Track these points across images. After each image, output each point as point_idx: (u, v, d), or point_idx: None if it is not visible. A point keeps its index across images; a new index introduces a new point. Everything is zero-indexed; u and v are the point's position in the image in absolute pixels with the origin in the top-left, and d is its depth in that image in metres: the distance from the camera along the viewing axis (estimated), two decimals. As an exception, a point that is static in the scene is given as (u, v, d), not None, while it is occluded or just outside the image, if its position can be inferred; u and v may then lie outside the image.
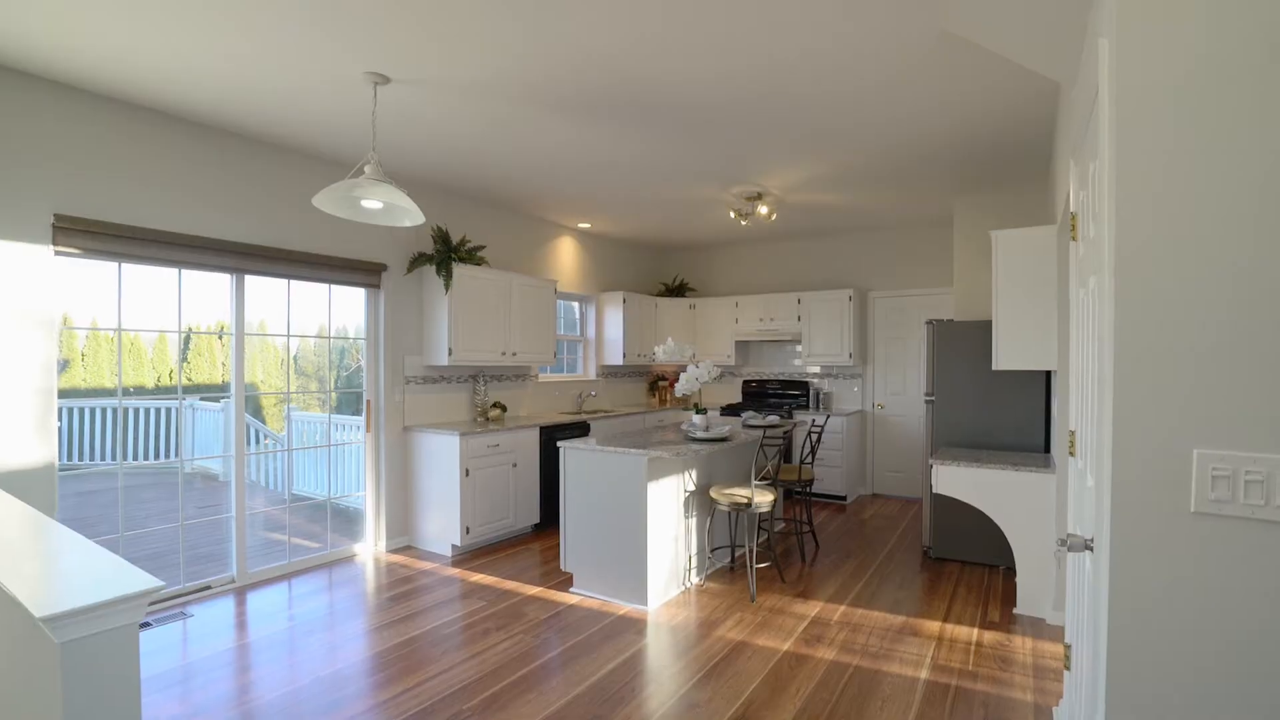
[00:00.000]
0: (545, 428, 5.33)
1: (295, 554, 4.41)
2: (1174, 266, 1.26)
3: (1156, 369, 1.28)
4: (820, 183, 4.93)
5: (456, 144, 4.06)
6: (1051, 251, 3.46)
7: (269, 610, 3.67)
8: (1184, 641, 1.24)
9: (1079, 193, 2.16)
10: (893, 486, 6.69)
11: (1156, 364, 1.28)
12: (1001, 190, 5.08)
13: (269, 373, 7.46)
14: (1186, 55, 1.24)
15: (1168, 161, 1.26)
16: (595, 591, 3.87)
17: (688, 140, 3.98)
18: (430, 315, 5.01)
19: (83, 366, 7.46)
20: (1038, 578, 3.52)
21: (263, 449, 6.26)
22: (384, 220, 3.29)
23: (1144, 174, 1.29)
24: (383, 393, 4.81)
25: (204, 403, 7.43)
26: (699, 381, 4.28)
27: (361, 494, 4.84)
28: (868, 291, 6.79)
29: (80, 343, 6.90)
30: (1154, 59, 1.27)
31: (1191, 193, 1.24)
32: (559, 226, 6.47)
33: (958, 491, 3.72)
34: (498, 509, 4.90)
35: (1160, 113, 1.27)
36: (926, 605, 3.72)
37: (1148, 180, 1.29)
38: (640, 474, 3.67)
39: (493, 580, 4.17)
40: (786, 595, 3.88)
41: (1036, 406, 4.26)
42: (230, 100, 3.40)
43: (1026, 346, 3.57)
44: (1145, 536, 1.29)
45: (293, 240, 4.23)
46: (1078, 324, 2.19)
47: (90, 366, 7.67)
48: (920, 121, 3.65)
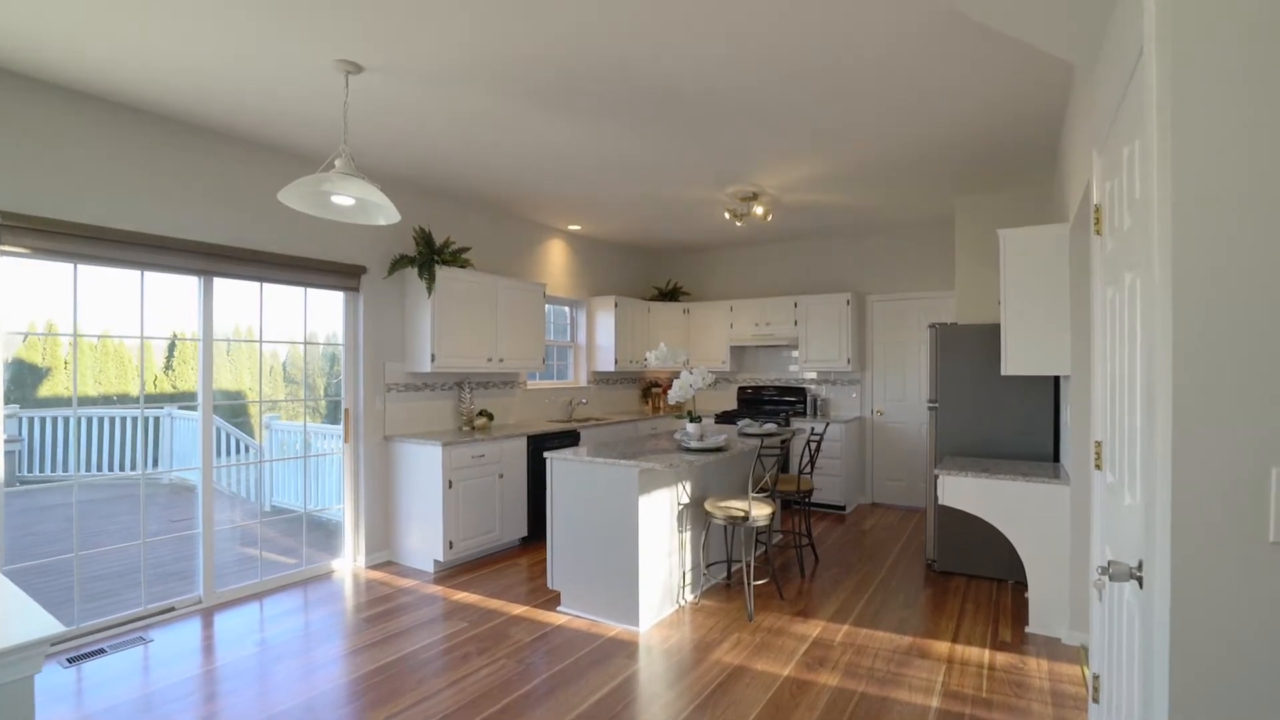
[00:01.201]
0: (533, 437, 5.12)
1: (269, 571, 4.19)
2: (1247, 254, 1.07)
3: (1225, 374, 1.09)
4: (818, 182, 4.76)
5: (436, 139, 3.87)
6: (1063, 251, 3.29)
7: (237, 633, 3.45)
8: (1266, 693, 1.06)
9: (1104, 182, 1.98)
10: (893, 496, 6.50)
11: (1224, 368, 1.09)
12: (1003, 190, 4.92)
13: (273, 381, 7.22)
14: (1261, 4, 1.06)
15: (1238, 130, 1.08)
16: (584, 611, 3.66)
17: (680, 135, 3.80)
18: (412, 320, 4.80)
19: (65, 374, 7.20)
20: (1051, 595, 3.33)
21: (241, 460, 6.02)
22: (357, 218, 3.09)
23: (1207, 147, 1.11)
24: (362, 401, 4.60)
25: (183, 411, 7.20)
26: (693, 388, 4.09)
27: (340, 507, 4.62)
28: (866, 295, 6.62)
29: (64, 349, 6.66)
30: (1218, 8, 1.10)
31: (1271, 166, 1.06)
32: (548, 228, 6.28)
33: (965, 503, 3.53)
34: (483, 522, 4.69)
35: (1227, 71, 1.09)
36: (934, 624, 3.53)
37: (1212, 154, 1.10)
38: (631, 486, 3.47)
39: (476, 599, 3.96)
40: (786, 614, 3.68)
41: (1045, 413, 4.08)
42: (189, 89, 3.20)
43: (1037, 350, 3.39)
44: (1214, 569, 1.10)
45: (265, 241, 4.02)
46: (1104, 325, 2.01)
47: (70, 374, 7.41)
48: (921, 117, 3.49)
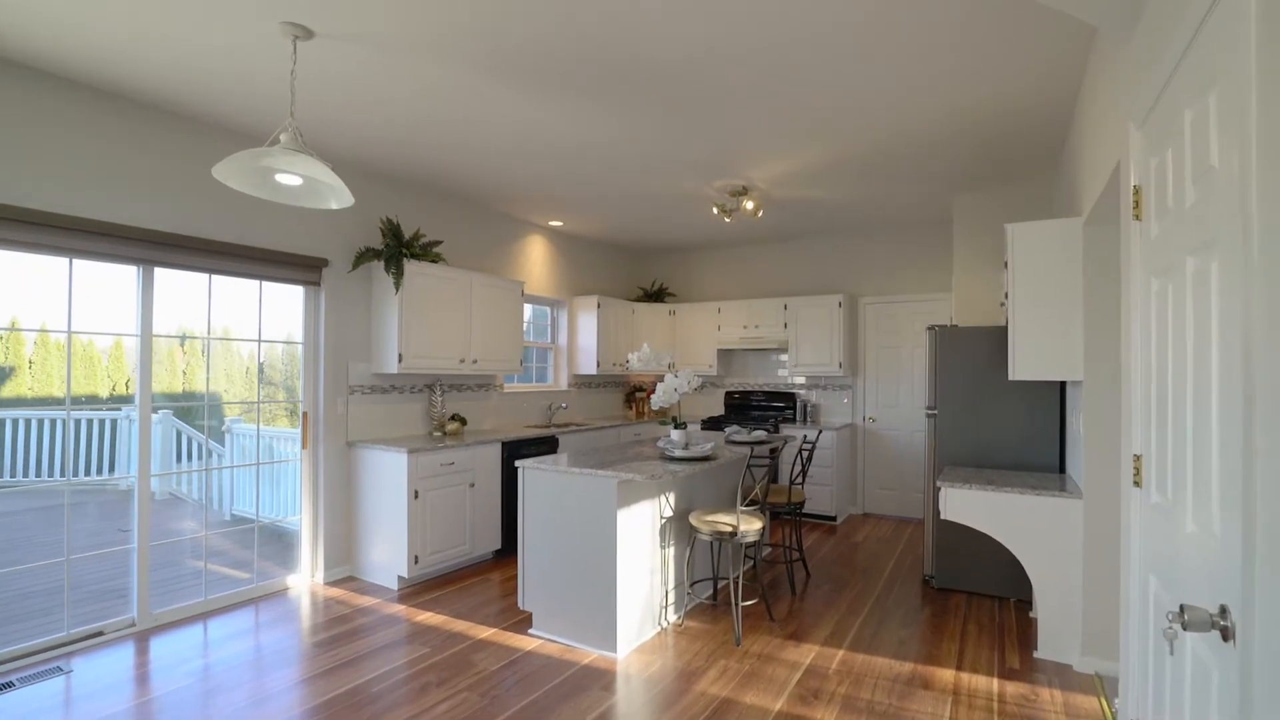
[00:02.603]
0: (509, 443, 4.82)
1: (217, 588, 3.84)
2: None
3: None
4: (811, 176, 4.51)
5: (397, 118, 3.57)
6: (1076, 247, 3.06)
7: (172, 661, 3.11)
8: None
9: (1148, 159, 1.74)
10: (886, 506, 6.26)
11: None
12: (1003, 188, 4.71)
13: (233, 381, 6.85)
14: None
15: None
16: (557, 634, 3.36)
17: (666, 121, 3.53)
18: (379, 317, 4.49)
19: (29, 374, 6.79)
20: (1062, 618, 3.08)
21: (189, 467, 5.64)
22: (306, 201, 2.79)
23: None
24: (322, 404, 4.27)
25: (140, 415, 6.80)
26: (678, 393, 3.82)
27: (298, 518, 4.28)
28: (858, 297, 6.39)
29: (29, 349, 6.26)
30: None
31: None
32: (528, 224, 5.99)
33: (969, 518, 3.28)
34: (452, 535, 4.37)
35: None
36: (935, 648, 3.27)
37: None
38: (609, 499, 3.18)
39: (441, 619, 3.64)
40: (776, 637, 3.40)
41: (1050, 420, 3.85)
42: (126, 60, 2.88)
43: (1049, 354, 3.15)
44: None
45: (216, 229, 3.70)
46: (1146, 322, 1.76)
47: (38, 374, 7.00)
48: (924, 104, 3.25)
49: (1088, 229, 2.99)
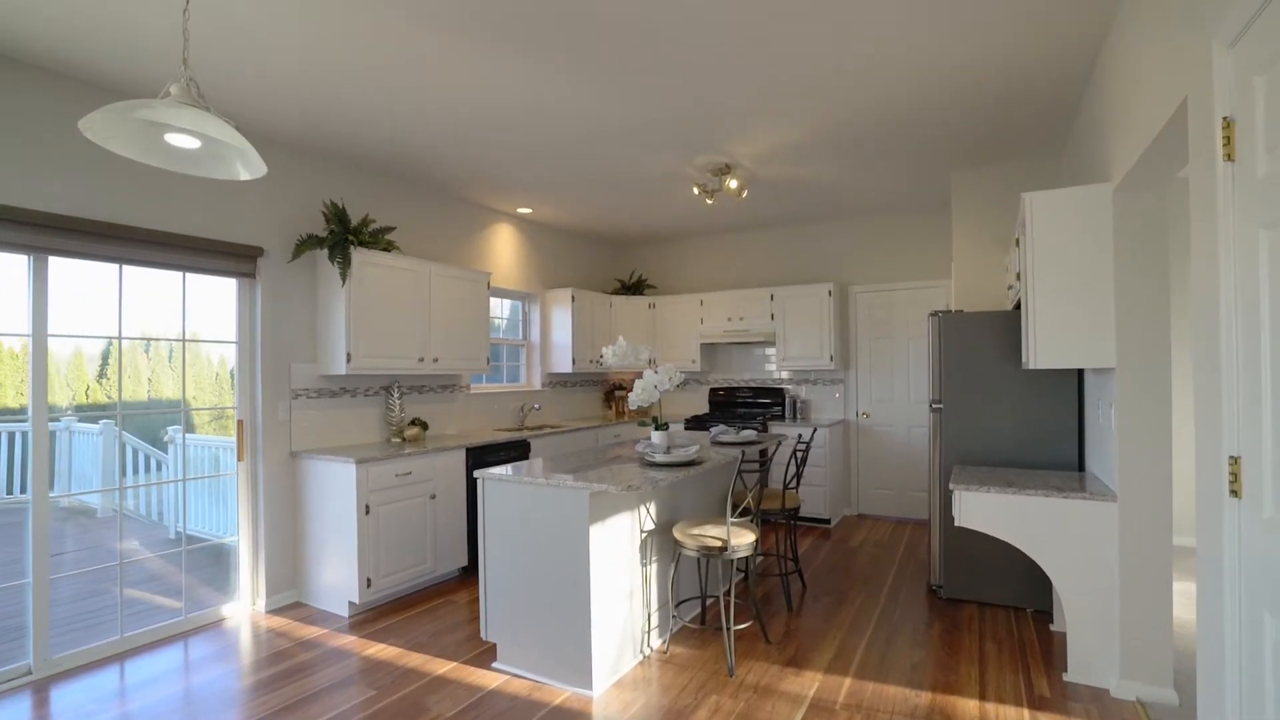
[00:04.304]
0: (475, 449, 4.38)
1: (143, 620, 3.37)
2: None
3: None
4: (798, 151, 4.13)
5: (327, 79, 3.12)
6: (1105, 217, 2.70)
7: (74, 716, 2.64)
8: None
9: (1248, 79, 1.37)
10: (881, 506, 5.92)
11: None
12: (1007, 161, 4.36)
13: (202, 387, 6.32)
14: None
15: None
16: (525, 668, 2.94)
17: (638, 84, 3.12)
18: (325, 313, 4.03)
19: None
20: (1096, 635, 2.73)
21: (110, 487, 5.12)
22: (211, 170, 2.32)
23: None
24: (260, 410, 3.80)
25: (84, 425, 6.26)
26: (658, 390, 3.42)
27: (235, 539, 3.82)
28: (849, 286, 6.03)
29: None
30: None
31: None
32: (494, 211, 5.54)
33: (986, 524, 2.92)
34: (411, 553, 3.93)
35: None
36: (952, 672, 2.90)
37: None
38: (581, 513, 2.77)
39: (395, 653, 3.20)
40: (774, 663, 3.01)
41: (1067, 413, 3.51)
42: (6, 6, 2.41)
43: (1072, 338, 2.79)
44: None
45: (127, 212, 3.22)
46: (1246, 288, 1.39)
47: None
48: (925, 64, 2.87)
49: (1119, 196, 2.64)
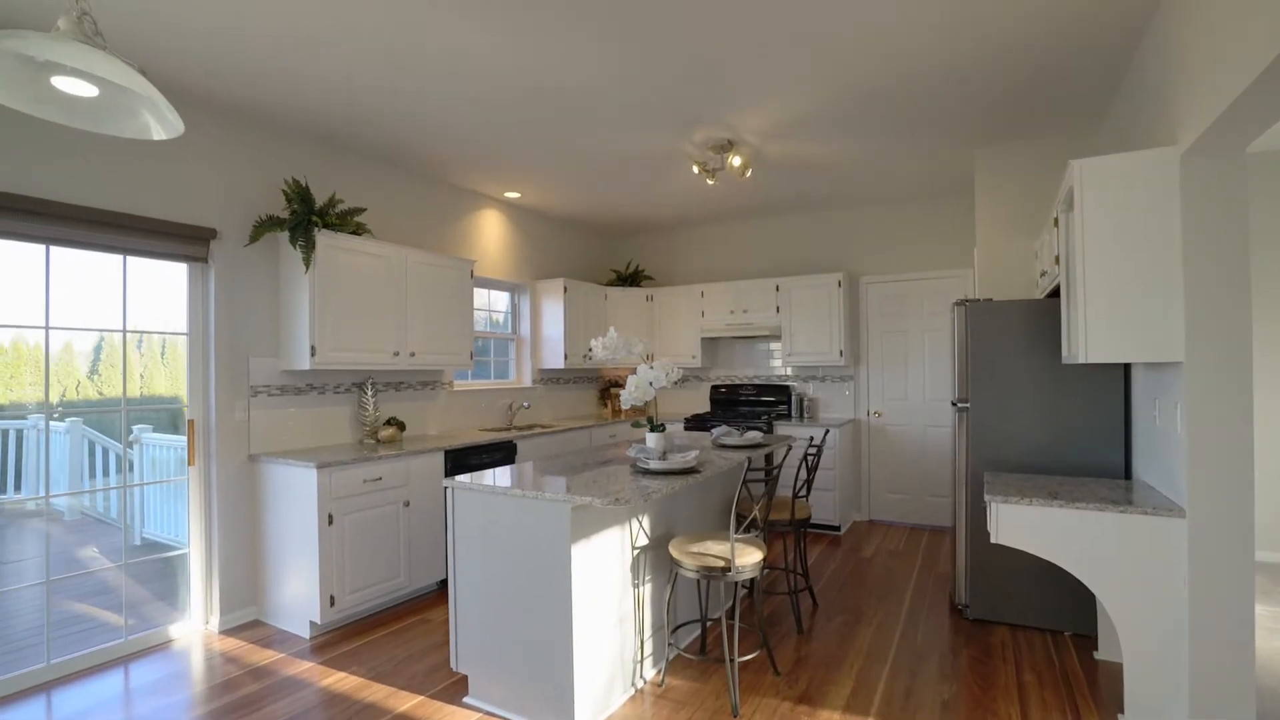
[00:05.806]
0: (454, 451, 4.00)
1: (79, 644, 3.02)
2: None
3: None
4: (806, 125, 3.75)
5: (272, 35, 2.75)
6: (1171, 187, 2.32)
7: (-29, 762, 2.29)
8: None
9: None
10: (894, 512, 5.54)
11: None
12: (1038, 135, 3.97)
13: (179, 384, 5.99)
14: None
15: None
16: (499, 705, 2.58)
17: (631, 45, 2.75)
18: (287, 302, 3.66)
19: None
20: (1159, 670, 2.36)
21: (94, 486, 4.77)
22: (115, 125, 1.94)
23: None
24: (214, 409, 3.44)
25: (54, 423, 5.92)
26: (653, 387, 3.05)
27: (186, 550, 3.46)
28: (860, 276, 5.65)
29: None
30: None
31: None
32: (479, 195, 5.17)
33: (1028, 541, 2.54)
34: (381, 567, 3.57)
35: None
36: (990, 712, 2.53)
37: None
38: (562, 529, 2.40)
39: (356, 682, 2.84)
40: (784, 699, 2.64)
41: (1112, 413, 3.14)
42: None
43: (1131, 328, 2.41)
44: None
45: (56, 187, 2.86)
46: None
47: None
48: (945, 19, 2.49)
49: (1189, 160, 2.26)
